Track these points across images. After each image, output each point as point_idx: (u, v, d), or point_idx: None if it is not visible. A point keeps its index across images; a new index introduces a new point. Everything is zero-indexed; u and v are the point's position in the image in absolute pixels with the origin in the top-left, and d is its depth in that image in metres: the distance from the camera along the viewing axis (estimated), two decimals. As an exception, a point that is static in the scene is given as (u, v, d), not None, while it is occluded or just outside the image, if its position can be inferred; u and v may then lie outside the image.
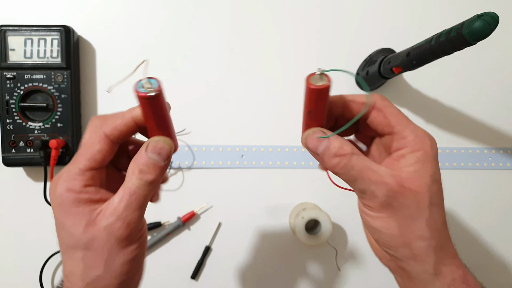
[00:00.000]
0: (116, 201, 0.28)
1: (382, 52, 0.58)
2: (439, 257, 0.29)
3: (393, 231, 0.29)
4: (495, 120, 0.62)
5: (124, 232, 0.28)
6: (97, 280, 0.28)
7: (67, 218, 0.28)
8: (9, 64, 0.52)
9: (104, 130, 0.29)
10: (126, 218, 0.28)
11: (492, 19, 0.33)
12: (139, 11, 0.57)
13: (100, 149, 0.29)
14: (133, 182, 0.28)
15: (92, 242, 0.28)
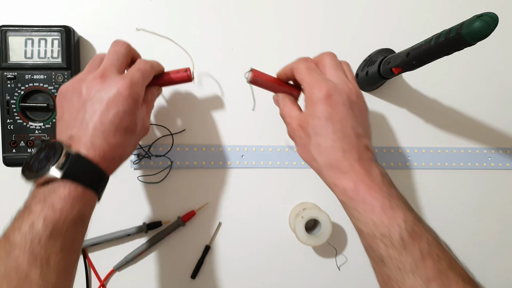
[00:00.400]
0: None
1: (381, 52, 0.58)
2: (333, 173, 0.40)
3: (300, 154, 0.44)
4: (495, 120, 0.62)
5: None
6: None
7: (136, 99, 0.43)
8: (10, 64, 0.52)
9: (151, 64, 0.46)
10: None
11: (492, 20, 0.33)
12: (140, 11, 0.57)
13: (152, 69, 0.46)
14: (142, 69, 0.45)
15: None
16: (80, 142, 0.38)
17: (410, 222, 0.35)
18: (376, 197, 0.37)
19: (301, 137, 0.42)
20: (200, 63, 0.58)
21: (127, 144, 0.42)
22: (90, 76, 0.41)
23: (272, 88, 0.48)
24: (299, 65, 0.43)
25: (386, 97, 0.61)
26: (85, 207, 0.38)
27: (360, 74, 0.58)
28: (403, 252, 0.34)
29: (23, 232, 0.34)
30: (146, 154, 0.57)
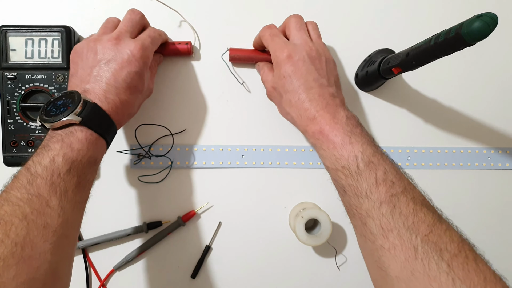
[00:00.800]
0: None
1: (381, 52, 0.58)
2: (303, 121, 0.45)
3: (279, 112, 0.51)
4: (495, 120, 0.62)
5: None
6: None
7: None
8: (10, 65, 0.52)
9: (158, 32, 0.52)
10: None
11: (491, 20, 0.33)
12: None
13: (160, 36, 0.52)
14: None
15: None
16: (95, 95, 0.42)
17: (368, 153, 0.39)
18: (337, 135, 0.41)
19: (275, 97, 0.50)
20: (200, 63, 0.58)
21: (135, 101, 0.47)
22: (105, 37, 0.45)
23: (251, 59, 0.57)
24: (264, 33, 0.51)
25: (386, 97, 0.61)
26: (97, 152, 0.42)
27: (360, 74, 0.59)
28: (359, 179, 0.38)
29: (44, 165, 0.37)
30: (146, 154, 0.57)
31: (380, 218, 0.36)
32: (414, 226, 0.34)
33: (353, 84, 0.60)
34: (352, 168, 0.39)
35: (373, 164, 0.38)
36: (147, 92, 0.51)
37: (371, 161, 0.39)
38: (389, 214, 0.36)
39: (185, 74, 0.58)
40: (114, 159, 0.57)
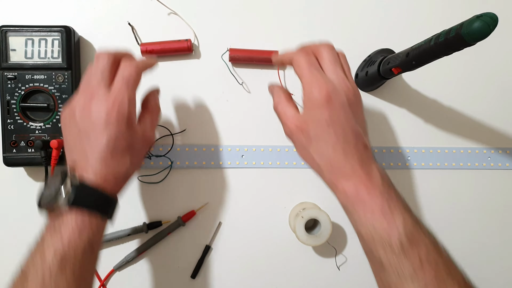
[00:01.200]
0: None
1: (381, 52, 0.58)
2: (334, 175, 0.39)
3: (299, 154, 0.44)
4: (495, 120, 0.62)
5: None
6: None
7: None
8: (10, 65, 0.52)
9: (136, 65, 0.44)
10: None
11: (491, 20, 0.33)
12: (140, 11, 0.57)
13: (139, 75, 0.44)
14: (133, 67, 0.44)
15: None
16: (82, 168, 0.40)
17: (409, 226, 0.36)
18: (376, 201, 0.37)
19: (300, 139, 0.42)
20: (200, 62, 0.58)
21: (127, 163, 0.42)
22: (81, 100, 0.41)
23: (251, 59, 0.57)
24: (299, 58, 0.41)
25: (386, 97, 0.61)
26: (93, 234, 0.38)
27: (360, 74, 0.58)
28: (402, 258, 0.34)
29: (36, 265, 0.35)
30: (146, 154, 0.57)
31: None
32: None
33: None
34: (394, 243, 0.35)
35: (415, 240, 0.35)
36: (144, 146, 0.45)
37: (413, 235, 0.35)
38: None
39: (185, 74, 0.58)
40: (114, 159, 0.57)
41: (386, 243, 0.35)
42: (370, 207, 0.37)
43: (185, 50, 0.56)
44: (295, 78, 0.59)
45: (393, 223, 0.35)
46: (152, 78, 0.57)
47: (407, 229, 0.35)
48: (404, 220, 0.36)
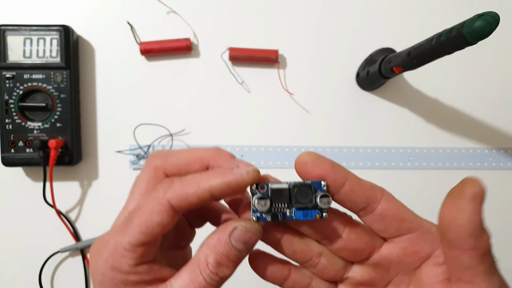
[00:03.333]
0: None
1: (382, 51, 0.58)
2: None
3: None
4: (496, 120, 0.62)
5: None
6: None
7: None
8: (8, 64, 0.52)
9: (170, 198, 0.22)
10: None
11: (493, 19, 0.33)
12: (139, 10, 0.57)
13: (161, 222, 0.22)
14: (206, 275, 0.23)
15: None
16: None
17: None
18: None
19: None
20: (200, 62, 0.58)
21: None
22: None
23: (251, 59, 0.57)
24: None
25: (387, 96, 0.60)
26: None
27: (361, 74, 0.58)
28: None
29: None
30: (145, 155, 0.57)
31: None
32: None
33: (354, 84, 0.60)
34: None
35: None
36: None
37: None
38: None
39: (184, 73, 0.58)
40: (113, 160, 0.57)
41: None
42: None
43: (184, 49, 0.56)
44: (295, 78, 0.59)
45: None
46: (152, 78, 0.57)
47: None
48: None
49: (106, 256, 0.23)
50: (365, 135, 0.60)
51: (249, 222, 0.23)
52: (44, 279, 0.57)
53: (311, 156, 0.23)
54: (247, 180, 0.22)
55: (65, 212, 0.57)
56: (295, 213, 0.23)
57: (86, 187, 0.57)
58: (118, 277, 0.22)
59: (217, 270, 0.24)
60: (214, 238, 0.24)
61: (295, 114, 0.59)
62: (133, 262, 0.22)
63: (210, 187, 0.22)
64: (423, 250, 0.24)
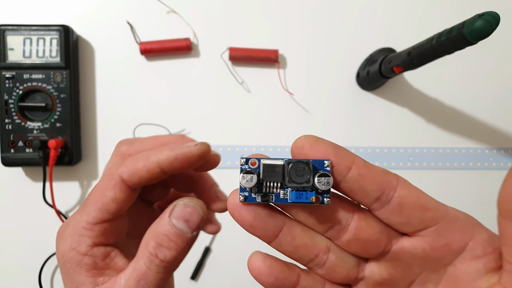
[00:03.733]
0: (121, 284, 0.22)
1: (382, 51, 0.57)
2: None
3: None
4: (496, 119, 0.62)
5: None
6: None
7: (67, 282, 0.23)
8: (8, 64, 0.52)
9: (121, 173, 0.23)
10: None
11: (493, 19, 0.33)
12: (138, 10, 0.57)
13: (114, 197, 0.22)
14: (146, 258, 0.21)
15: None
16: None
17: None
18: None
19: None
20: (200, 62, 0.58)
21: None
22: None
23: (251, 58, 0.56)
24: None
25: (387, 96, 0.60)
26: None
27: (361, 73, 0.58)
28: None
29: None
30: None
31: None
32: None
33: (355, 84, 0.60)
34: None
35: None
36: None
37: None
38: None
39: (185, 73, 0.58)
40: (113, 159, 0.57)
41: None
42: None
43: (184, 49, 0.56)
44: (295, 77, 0.59)
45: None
46: (151, 77, 0.57)
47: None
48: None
49: (66, 236, 0.22)
50: (365, 135, 0.60)
51: (192, 198, 0.23)
52: (44, 280, 0.57)
53: (309, 139, 0.20)
54: (195, 152, 0.23)
55: (65, 212, 0.57)
56: (290, 195, 0.19)
57: (86, 187, 0.57)
58: (75, 258, 0.22)
59: (156, 251, 0.21)
60: (156, 220, 0.22)
61: (295, 114, 0.59)
62: (91, 241, 0.22)
63: (158, 160, 0.22)
64: (455, 242, 0.20)
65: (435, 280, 0.21)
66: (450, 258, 0.20)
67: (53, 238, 0.28)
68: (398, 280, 0.21)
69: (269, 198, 0.19)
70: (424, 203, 0.20)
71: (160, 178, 0.24)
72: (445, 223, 0.20)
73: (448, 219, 0.20)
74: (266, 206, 0.20)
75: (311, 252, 0.21)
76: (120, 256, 0.23)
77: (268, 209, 0.20)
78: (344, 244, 0.21)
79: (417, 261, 0.20)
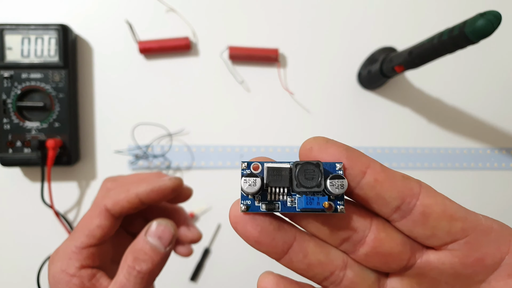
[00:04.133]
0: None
1: (384, 50, 0.57)
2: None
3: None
4: (498, 119, 0.62)
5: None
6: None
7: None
8: (6, 63, 0.51)
9: (105, 203, 0.26)
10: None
11: (495, 18, 0.33)
12: (137, 9, 0.56)
13: (100, 224, 0.26)
14: (125, 271, 0.25)
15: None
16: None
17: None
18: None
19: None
20: (200, 62, 0.58)
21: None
22: None
23: (251, 57, 0.56)
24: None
25: (389, 96, 0.60)
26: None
27: (362, 73, 0.58)
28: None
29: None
30: (144, 155, 0.56)
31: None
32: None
33: (356, 83, 0.59)
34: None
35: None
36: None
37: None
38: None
39: (184, 72, 0.57)
40: (112, 160, 0.57)
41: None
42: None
43: (183, 48, 0.56)
44: (295, 77, 0.58)
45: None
46: (150, 77, 0.57)
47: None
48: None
49: (57, 260, 0.25)
50: (366, 134, 0.60)
51: (164, 219, 0.27)
52: (42, 280, 0.56)
53: (318, 140, 0.18)
54: (169, 185, 0.27)
55: (63, 213, 0.57)
56: (299, 202, 0.17)
57: (84, 188, 0.57)
58: (64, 279, 0.25)
59: (134, 264, 0.25)
60: (135, 239, 0.26)
61: (295, 114, 0.59)
62: (79, 264, 0.25)
63: (137, 192, 0.26)
64: (489, 256, 0.17)
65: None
66: (484, 275, 0.18)
67: (52, 238, 0.29)
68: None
69: (275, 206, 0.17)
70: (451, 213, 0.17)
71: (139, 208, 0.27)
72: (477, 235, 0.17)
73: (480, 230, 0.17)
74: (273, 218, 0.18)
75: (326, 270, 0.19)
76: (105, 277, 0.26)
77: (276, 221, 0.18)
78: (362, 258, 0.19)
79: (445, 277, 0.18)
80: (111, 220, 0.26)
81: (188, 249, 0.33)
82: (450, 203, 0.18)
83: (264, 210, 0.17)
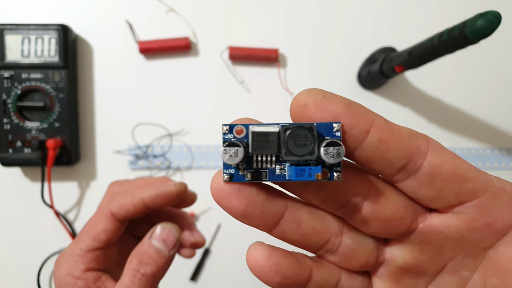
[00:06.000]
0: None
1: (383, 50, 0.57)
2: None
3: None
4: (498, 119, 0.62)
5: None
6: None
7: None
8: (6, 63, 0.51)
9: (111, 207, 0.27)
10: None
11: (495, 18, 0.33)
12: (137, 9, 0.56)
13: (105, 228, 0.27)
14: (130, 274, 0.25)
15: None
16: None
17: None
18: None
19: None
20: (199, 62, 0.58)
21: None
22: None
23: (251, 58, 0.56)
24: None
25: (389, 96, 0.60)
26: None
27: (362, 73, 0.58)
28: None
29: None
30: (144, 155, 0.56)
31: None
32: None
33: (356, 83, 0.59)
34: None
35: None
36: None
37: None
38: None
39: (184, 72, 0.57)
40: (112, 160, 0.57)
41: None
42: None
43: (183, 48, 0.56)
44: (295, 77, 0.58)
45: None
46: (151, 77, 0.57)
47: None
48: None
49: (63, 263, 0.26)
50: (366, 135, 0.60)
51: (168, 223, 0.28)
52: (42, 280, 0.56)
53: (314, 94, 0.15)
54: (174, 190, 0.29)
55: (64, 213, 0.57)
56: (289, 172, 0.15)
57: (84, 188, 0.57)
58: (70, 281, 0.25)
59: (138, 267, 0.25)
60: (139, 243, 0.27)
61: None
62: (84, 267, 0.25)
63: (142, 197, 0.27)
64: (499, 220, 0.16)
65: (471, 267, 0.17)
66: (492, 241, 0.16)
67: (52, 238, 0.30)
68: (425, 266, 0.17)
69: (262, 175, 0.15)
70: (462, 172, 0.15)
71: (144, 213, 0.28)
72: (488, 197, 0.16)
73: (492, 192, 0.16)
74: (261, 188, 0.16)
75: (321, 238, 0.17)
76: (110, 280, 0.26)
77: (264, 191, 0.16)
78: (359, 224, 0.17)
79: (449, 243, 0.17)
80: (116, 224, 0.27)
81: (191, 251, 0.34)
82: (461, 162, 0.16)
83: (249, 179, 0.15)
